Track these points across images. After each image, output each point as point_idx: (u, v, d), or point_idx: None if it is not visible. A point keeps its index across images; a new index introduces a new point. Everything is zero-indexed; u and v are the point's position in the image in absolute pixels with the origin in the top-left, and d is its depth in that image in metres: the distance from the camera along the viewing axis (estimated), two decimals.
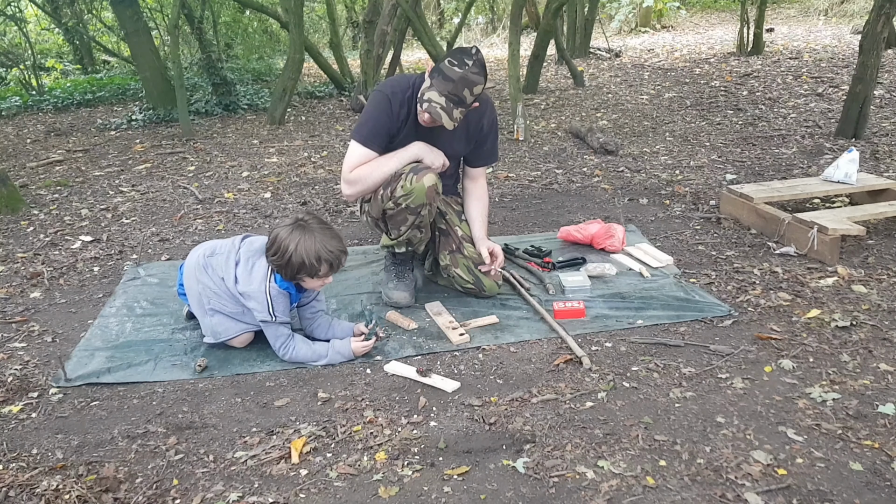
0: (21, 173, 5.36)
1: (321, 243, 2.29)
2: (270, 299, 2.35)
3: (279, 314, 2.38)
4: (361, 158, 2.61)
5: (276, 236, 2.32)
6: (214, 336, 2.49)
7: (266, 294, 2.35)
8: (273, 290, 2.36)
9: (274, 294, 2.36)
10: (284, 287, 2.39)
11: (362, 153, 2.61)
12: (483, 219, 2.92)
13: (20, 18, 9.98)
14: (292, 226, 2.32)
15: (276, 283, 2.37)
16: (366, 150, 2.61)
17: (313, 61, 8.69)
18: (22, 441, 2.04)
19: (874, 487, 1.73)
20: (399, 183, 2.57)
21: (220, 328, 2.48)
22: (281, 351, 2.42)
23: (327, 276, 2.37)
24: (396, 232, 2.71)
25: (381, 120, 2.60)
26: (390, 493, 1.77)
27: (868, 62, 4.79)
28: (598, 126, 5.91)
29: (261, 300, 2.36)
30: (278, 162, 5.40)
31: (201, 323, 2.53)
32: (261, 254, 2.42)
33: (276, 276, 2.38)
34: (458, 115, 2.51)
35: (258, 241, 2.48)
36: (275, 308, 2.36)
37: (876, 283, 2.85)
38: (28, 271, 3.33)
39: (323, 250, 2.29)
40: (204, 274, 2.46)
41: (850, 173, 3.58)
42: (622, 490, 1.74)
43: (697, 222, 3.67)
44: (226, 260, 2.46)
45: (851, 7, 12.58)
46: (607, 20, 13.52)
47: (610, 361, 2.36)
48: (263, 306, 2.36)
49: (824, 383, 2.17)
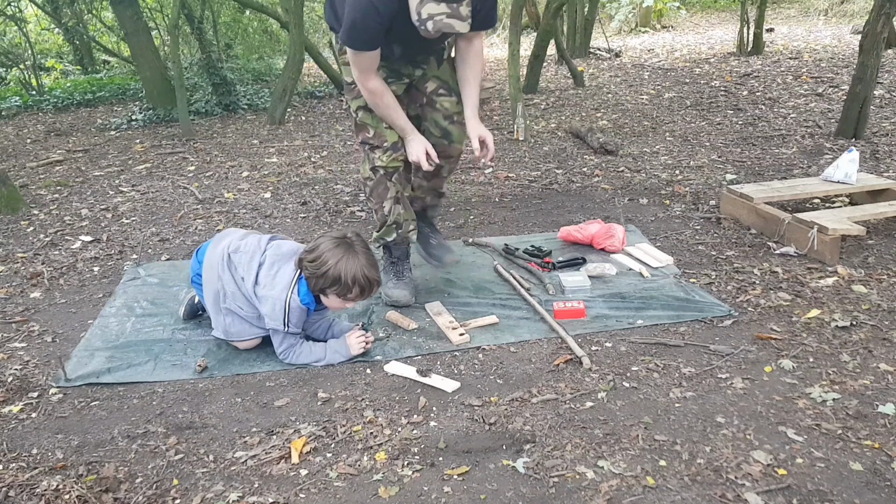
0: (21, 173, 5.36)
1: (361, 268, 2.27)
2: (288, 311, 2.32)
3: (293, 326, 2.36)
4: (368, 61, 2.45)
5: (319, 245, 2.30)
6: (226, 335, 2.47)
7: (285, 304, 2.32)
8: (293, 301, 2.32)
9: (293, 307, 2.33)
10: (305, 303, 2.35)
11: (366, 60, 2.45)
12: (475, 91, 2.67)
13: (20, 18, 9.98)
14: (339, 240, 2.30)
15: (297, 295, 2.33)
16: (367, 52, 2.43)
17: (313, 61, 8.69)
18: (22, 441, 2.04)
19: (874, 487, 1.73)
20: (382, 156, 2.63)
21: (233, 329, 2.45)
22: (282, 355, 2.42)
23: (354, 301, 2.35)
24: (382, 214, 2.73)
25: (371, 28, 2.36)
26: (390, 493, 1.77)
27: (868, 62, 4.79)
28: (598, 126, 5.92)
29: (277, 308, 2.32)
30: (278, 162, 5.40)
31: (214, 319, 2.49)
32: (288, 259, 2.38)
33: (301, 287, 2.34)
34: (465, 10, 2.26)
35: (286, 246, 2.44)
36: (290, 320, 2.34)
37: (876, 283, 2.85)
38: (28, 271, 3.33)
39: (360, 274, 2.26)
40: (226, 271, 2.41)
41: (850, 173, 3.58)
42: (622, 490, 1.74)
43: (697, 222, 3.67)
44: (249, 260, 2.41)
45: (851, 7, 12.58)
46: (607, 20, 13.52)
47: (610, 361, 2.36)
48: (278, 315, 2.33)
49: (824, 383, 2.17)
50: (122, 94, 9.04)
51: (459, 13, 2.25)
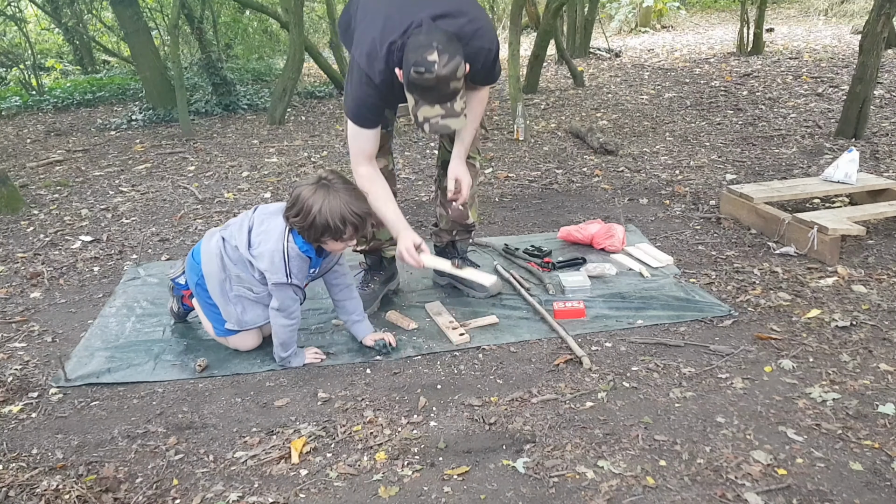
0: (21, 173, 5.36)
1: (346, 204, 2.17)
2: (288, 259, 2.22)
3: (295, 275, 2.25)
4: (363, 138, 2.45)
5: (299, 196, 2.19)
6: (240, 325, 2.40)
7: (284, 253, 2.21)
8: (291, 249, 2.22)
9: (292, 254, 2.22)
10: (304, 250, 2.25)
11: (364, 138, 2.46)
12: (468, 134, 2.62)
13: (20, 18, 9.98)
14: (315, 185, 2.19)
15: (294, 243, 2.23)
16: (366, 130, 2.45)
17: (313, 61, 8.69)
18: (22, 441, 2.04)
19: (874, 487, 1.73)
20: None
21: (248, 317, 2.38)
22: (279, 312, 2.31)
23: (352, 238, 2.25)
24: None
25: (368, 100, 2.39)
26: (390, 493, 1.77)
27: (868, 62, 4.79)
28: (598, 126, 5.91)
29: (277, 259, 2.22)
30: (278, 162, 5.40)
31: (224, 312, 2.41)
32: (276, 215, 2.30)
33: (296, 236, 2.24)
34: (460, 105, 2.25)
35: (273, 206, 2.37)
36: (291, 269, 2.23)
37: (876, 283, 2.85)
38: (28, 271, 3.33)
39: (348, 212, 2.16)
40: (226, 255, 2.35)
41: (850, 173, 3.58)
42: (622, 490, 1.74)
43: (697, 222, 3.67)
44: (239, 228, 2.35)
45: (851, 7, 12.58)
46: (607, 20, 13.52)
47: (610, 361, 2.36)
48: (279, 266, 2.22)
49: (824, 383, 2.17)
50: (122, 94, 9.04)
51: (454, 111, 2.24)
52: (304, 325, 2.69)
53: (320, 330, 2.67)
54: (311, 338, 2.60)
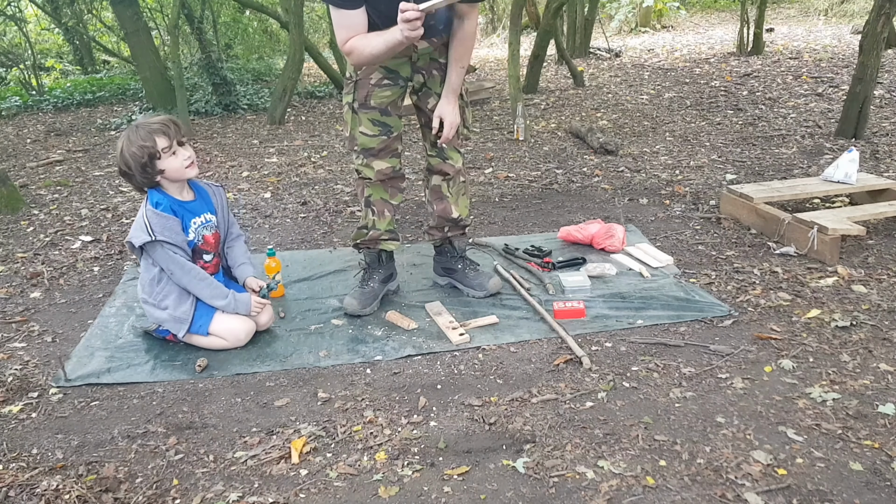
0: (21, 173, 5.36)
1: (142, 125, 2.32)
2: (147, 219, 2.35)
3: (158, 232, 2.35)
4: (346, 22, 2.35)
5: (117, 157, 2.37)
6: (179, 322, 2.45)
7: (143, 216, 2.36)
8: (149, 211, 2.36)
9: (150, 214, 2.36)
10: (164, 207, 2.38)
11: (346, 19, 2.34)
12: (455, 73, 2.55)
13: (20, 18, 9.98)
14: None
15: (150, 205, 2.37)
16: (346, 12, 2.33)
17: (313, 61, 8.69)
18: (22, 441, 2.04)
19: (874, 487, 1.73)
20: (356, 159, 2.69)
21: (180, 311, 2.45)
22: (174, 276, 2.41)
23: (172, 148, 2.36)
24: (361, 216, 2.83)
25: None
26: (390, 493, 1.77)
27: (868, 62, 4.79)
28: (598, 126, 5.91)
29: (139, 224, 2.36)
30: (278, 162, 5.40)
31: (167, 326, 2.49)
32: (145, 203, 2.44)
33: (151, 198, 2.39)
34: None
35: None
36: (153, 228, 2.34)
37: (876, 283, 2.85)
38: (28, 271, 3.33)
39: (144, 126, 2.31)
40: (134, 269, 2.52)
41: (850, 173, 3.58)
42: (622, 490, 1.75)
43: (697, 222, 3.67)
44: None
45: (851, 7, 12.58)
46: (607, 20, 13.52)
47: (610, 361, 2.36)
48: (142, 228, 2.35)
49: (824, 383, 2.17)
50: (122, 94, 9.04)
51: None
52: (303, 325, 2.70)
53: (320, 330, 2.66)
54: (310, 338, 2.60)
